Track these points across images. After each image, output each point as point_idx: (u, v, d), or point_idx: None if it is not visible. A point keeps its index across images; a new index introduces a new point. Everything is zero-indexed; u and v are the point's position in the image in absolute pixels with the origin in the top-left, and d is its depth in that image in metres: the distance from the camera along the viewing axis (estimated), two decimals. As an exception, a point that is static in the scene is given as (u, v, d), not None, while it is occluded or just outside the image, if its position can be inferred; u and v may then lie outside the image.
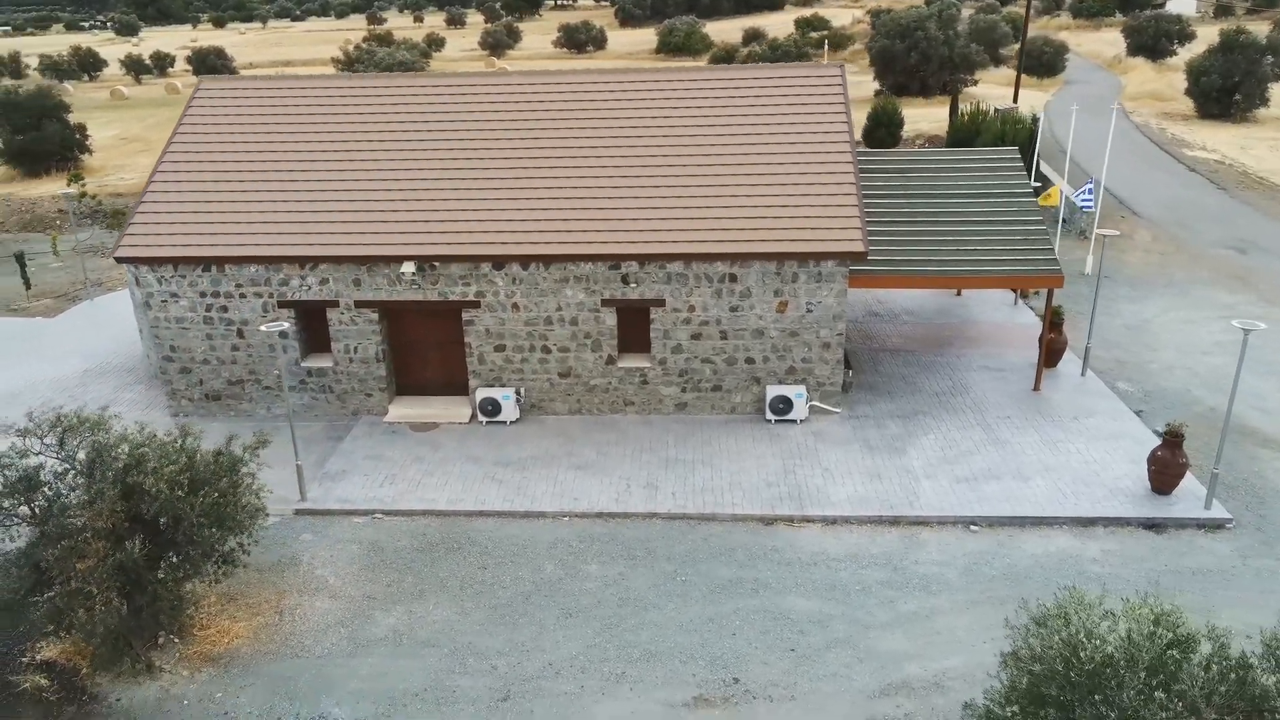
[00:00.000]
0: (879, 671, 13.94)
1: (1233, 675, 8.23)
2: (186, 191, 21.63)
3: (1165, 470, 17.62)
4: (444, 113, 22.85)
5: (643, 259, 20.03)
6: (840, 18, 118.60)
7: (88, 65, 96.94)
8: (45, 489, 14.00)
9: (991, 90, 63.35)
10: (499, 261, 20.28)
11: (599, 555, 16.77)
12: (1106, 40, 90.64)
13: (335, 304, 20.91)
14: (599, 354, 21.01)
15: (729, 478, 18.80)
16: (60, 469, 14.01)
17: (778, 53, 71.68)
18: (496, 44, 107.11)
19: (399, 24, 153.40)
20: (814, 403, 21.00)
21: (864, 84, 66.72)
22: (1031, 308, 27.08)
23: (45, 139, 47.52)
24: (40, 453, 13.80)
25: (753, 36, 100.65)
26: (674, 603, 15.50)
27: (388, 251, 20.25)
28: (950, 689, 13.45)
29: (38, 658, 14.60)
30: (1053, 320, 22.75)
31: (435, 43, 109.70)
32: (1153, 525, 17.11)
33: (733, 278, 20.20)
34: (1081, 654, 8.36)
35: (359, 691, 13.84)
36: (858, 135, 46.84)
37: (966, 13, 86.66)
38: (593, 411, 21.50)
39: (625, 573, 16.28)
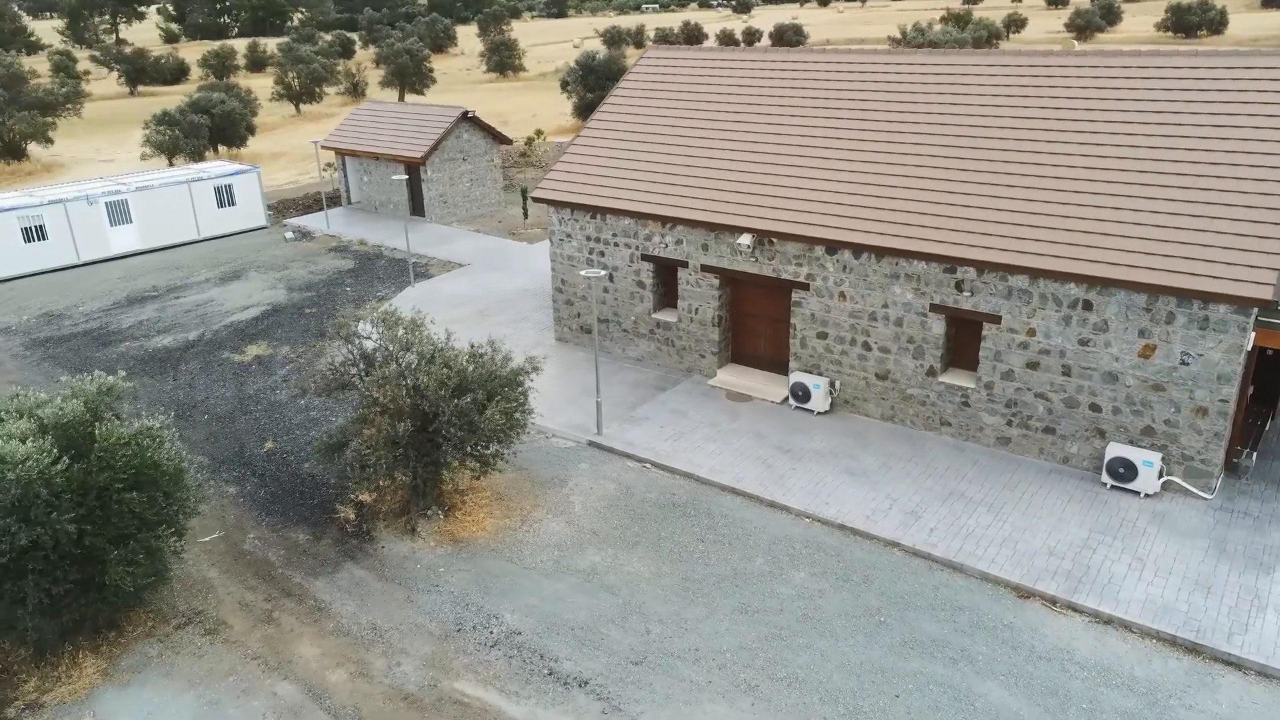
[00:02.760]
0: (1035, 807, 11.18)
1: None
2: (599, 147, 24.37)
3: None
4: (817, 92, 22.22)
5: (981, 266, 17.63)
6: None
7: (692, 39, 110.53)
8: (375, 367, 17.52)
9: None
10: (832, 246, 19.47)
11: (813, 565, 15.70)
12: None
13: (685, 264, 22.04)
14: (920, 362, 19.12)
15: (1007, 531, 16.02)
16: (386, 353, 17.39)
17: None
18: (1086, 25, 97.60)
19: (996, 3, 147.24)
20: (1172, 477, 16.67)
21: None
22: None
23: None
24: (370, 337, 17.30)
25: None
26: (855, 640, 13.99)
27: (732, 221, 20.68)
28: None
29: (357, 498, 18.56)
30: None
31: (1016, 23, 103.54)
32: None
33: (1087, 305, 16.80)
34: None
35: (531, 608, 15.11)
36: None
37: None
38: (906, 422, 19.71)
39: (826, 591, 15.06)
